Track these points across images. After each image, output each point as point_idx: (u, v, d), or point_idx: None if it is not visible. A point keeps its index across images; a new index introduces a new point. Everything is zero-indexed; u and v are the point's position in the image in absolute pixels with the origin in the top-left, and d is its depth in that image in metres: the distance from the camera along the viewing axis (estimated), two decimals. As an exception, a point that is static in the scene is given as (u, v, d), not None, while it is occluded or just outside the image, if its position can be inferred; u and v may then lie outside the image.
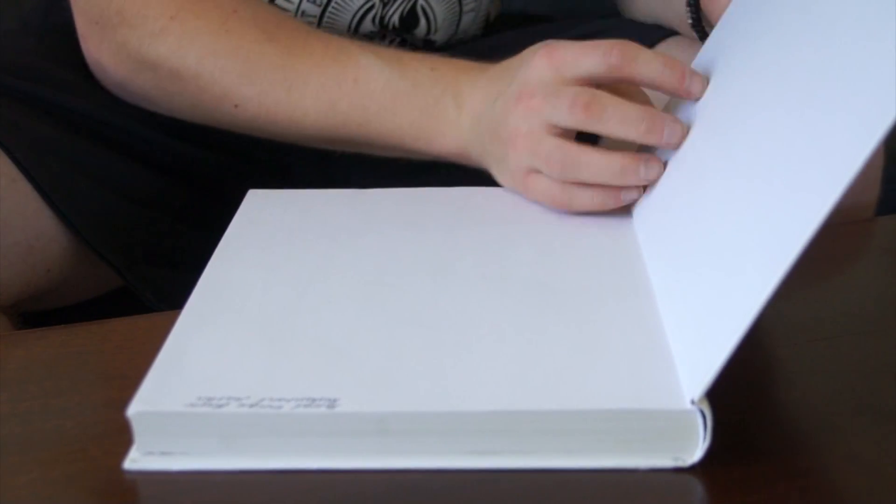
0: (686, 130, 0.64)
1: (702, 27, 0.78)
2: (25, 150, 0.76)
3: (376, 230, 0.64)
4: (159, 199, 0.83)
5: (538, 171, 0.66)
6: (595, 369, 0.50)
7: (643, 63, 0.63)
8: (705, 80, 0.65)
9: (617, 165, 0.64)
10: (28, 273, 0.76)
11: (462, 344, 0.52)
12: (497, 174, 0.70)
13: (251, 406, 0.47)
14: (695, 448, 0.47)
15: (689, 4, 0.78)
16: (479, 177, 0.71)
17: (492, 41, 0.93)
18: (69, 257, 0.77)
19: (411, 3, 0.86)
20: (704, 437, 0.47)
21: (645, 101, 0.67)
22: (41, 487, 0.48)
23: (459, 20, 0.91)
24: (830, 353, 0.56)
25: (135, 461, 0.48)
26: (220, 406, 0.47)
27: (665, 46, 0.87)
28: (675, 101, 0.68)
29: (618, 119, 0.63)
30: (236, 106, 0.74)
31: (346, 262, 0.61)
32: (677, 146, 0.64)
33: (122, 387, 0.51)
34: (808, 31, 0.55)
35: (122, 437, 0.48)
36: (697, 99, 0.65)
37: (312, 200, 0.69)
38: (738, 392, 0.51)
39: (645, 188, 0.65)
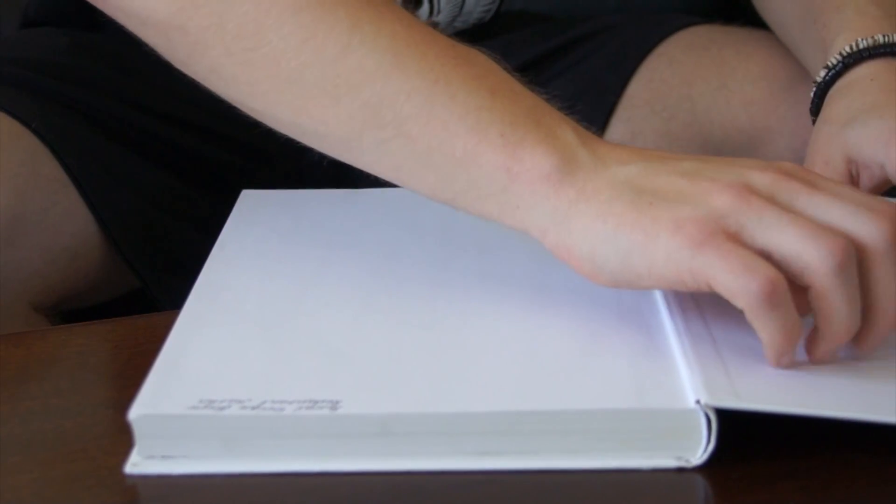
0: None
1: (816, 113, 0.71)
2: (74, 156, 0.77)
3: (373, 230, 0.64)
4: (183, 206, 0.84)
5: (731, 231, 0.49)
6: (597, 369, 0.50)
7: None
8: None
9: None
10: (72, 278, 0.77)
11: (463, 344, 0.52)
12: (631, 229, 0.50)
13: (253, 408, 0.47)
14: (697, 447, 0.47)
15: (815, 84, 0.70)
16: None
17: (493, 45, 0.93)
18: (105, 263, 0.78)
19: None
20: (709, 440, 0.47)
21: None
22: (41, 487, 0.48)
23: (464, 0, 0.90)
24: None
25: (136, 465, 0.48)
26: (221, 409, 0.47)
27: (670, 44, 0.87)
28: None
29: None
30: None
31: (343, 262, 0.60)
32: None
33: (122, 387, 0.51)
34: None
35: (123, 437, 0.48)
36: None
37: (306, 200, 0.69)
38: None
39: None
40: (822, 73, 0.69)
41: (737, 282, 0.47)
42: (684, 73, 0.87)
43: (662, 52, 0.88)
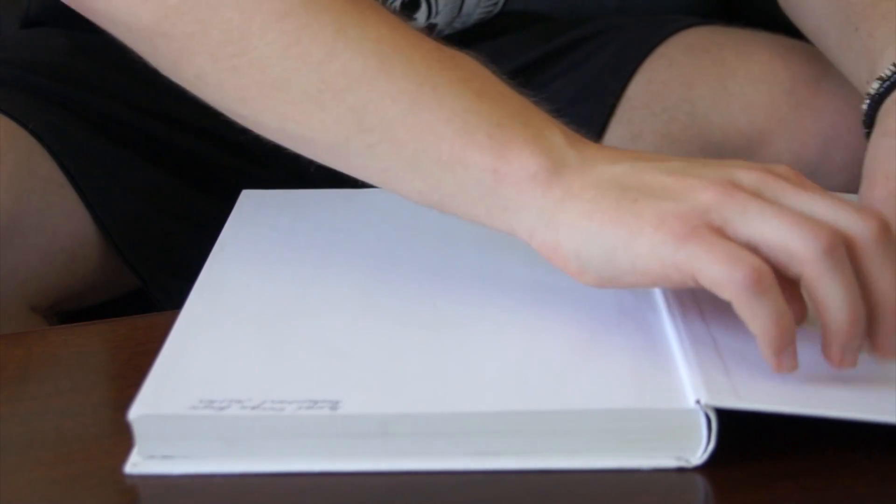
0: None
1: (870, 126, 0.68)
2: (71, 157, 0.77)
3: (373, 230, 0.64)
4: (182, 207, 0.84)
5: (716, 225, 0.49)
6: (597, 369, 0.50)
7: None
8: None
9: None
10: (70, 279, 0.77)
11: (463, 344, 0.52)
12: (603, 219, 0.50)
13: (253, 408, 0.47)
14: (697, 447, 0.47)
15: (868, 95, 0.67)
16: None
17: (493, 46, 0.93)
18: (103, 264, 0.78)
19: None
20: (709, 440, 0.47)
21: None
22: (41, 487, 0.48)
23: (462, 2, 0.90)
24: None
25: (136, 465, 0.48)
26: (221, 409, 0.47)
27: (670, 45, 0.87)
28: None
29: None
30: None
31: (343, 262, 0.61)
32: None
33: (122, 387, 0.51)
34: None
35: (123, 437, 0.48)
36: None
37: (306, 200, 0.69)
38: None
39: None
40: (876, 84, 0.66)
41: (722, 272, 0.47)
42: (684, 74, 0.87)
43: (662, 54, 0.88)
